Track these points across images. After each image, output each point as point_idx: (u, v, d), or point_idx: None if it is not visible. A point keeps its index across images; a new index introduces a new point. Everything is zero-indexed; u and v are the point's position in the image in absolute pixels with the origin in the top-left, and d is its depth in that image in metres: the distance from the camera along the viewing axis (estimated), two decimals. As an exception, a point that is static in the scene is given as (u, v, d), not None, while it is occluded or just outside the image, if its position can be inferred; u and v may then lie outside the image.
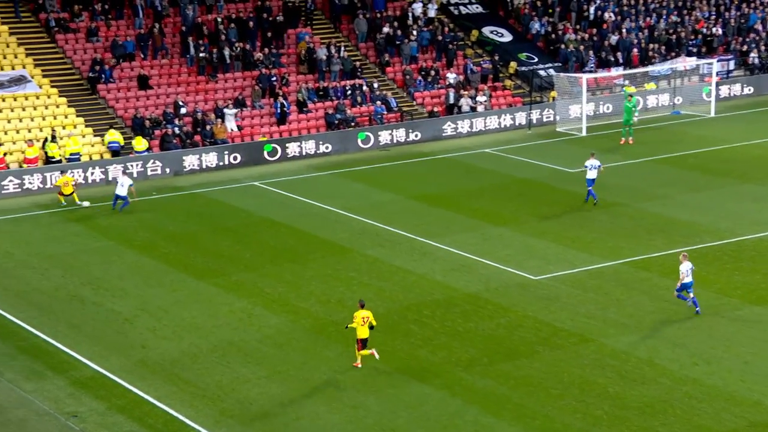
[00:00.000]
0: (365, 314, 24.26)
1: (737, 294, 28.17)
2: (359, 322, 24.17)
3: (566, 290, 28.91)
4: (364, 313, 24.29)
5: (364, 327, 24.21)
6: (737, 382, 23.31)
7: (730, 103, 51.36)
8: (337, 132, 45.75)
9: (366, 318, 24.19)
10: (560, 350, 25.23)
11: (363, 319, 24.18)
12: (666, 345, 25.31)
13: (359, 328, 24.19)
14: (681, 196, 37.06)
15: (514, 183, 39.82)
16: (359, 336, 24.26)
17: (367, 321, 24.20)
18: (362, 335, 24.24)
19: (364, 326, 24.20)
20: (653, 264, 30.57)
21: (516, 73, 51.98)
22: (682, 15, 56.72)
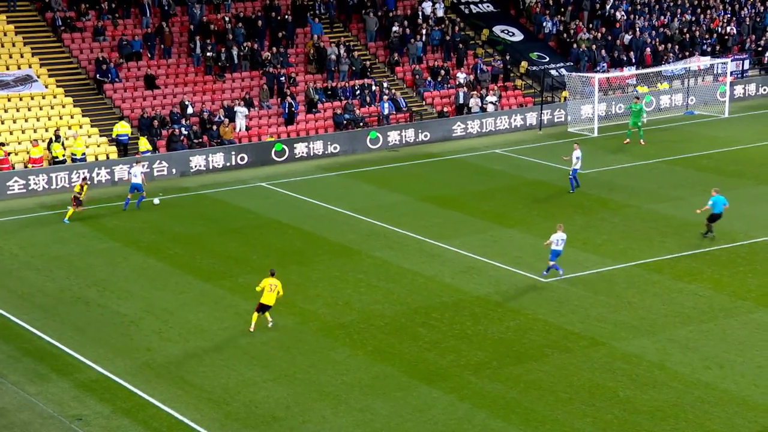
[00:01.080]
0: (273, 282, 25.96)
1: (751, 297, 27.75)
2: (267, 288, 25.88)
3: (577, 292, 28.54)
4: (271, 280, 25.99)
5: (272, 294, 25.91)
6: (750, 386, 22.90)
7: (745, 103, 50.85)
8: (346, 132, 45.45)
9: (273, 286, 25.92)
10: (570, 353, 24.86)
11: (270, 286, 25.90)
12: (678, 348, 24.91)
13: (266, 294, 25.89)
14: (694, 197, 36.60)
15: (525, 184, 39.44)
16: (262, 300, 25.92)
17: (275, 289, 25.91)
18: (266, 301, 25.96)
19: (272, 293, 25.90)
20: (665, 266, 30.17)
21: (527, 72, 51.60)
22: (696, 14, 56.25)
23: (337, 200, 37.77)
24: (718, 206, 31.68)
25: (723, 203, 31.64)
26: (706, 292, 28.16)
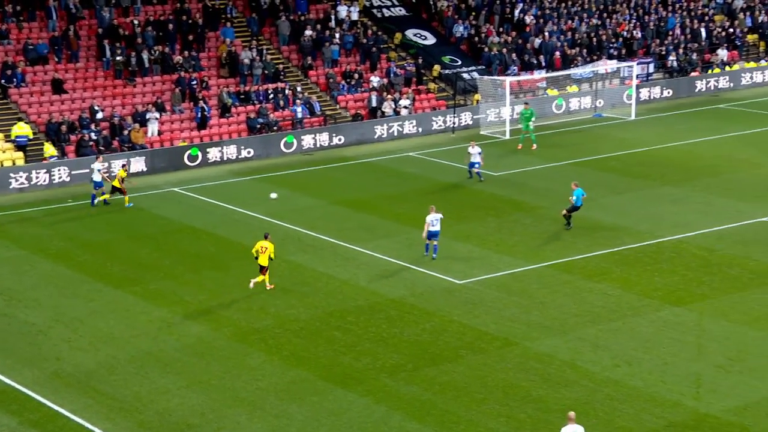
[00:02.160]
0: (264, 245, 28.46)
1: (657, 295, 28.41)
2: (259, 250, 28.45)
3: (490, 294, 28.87)
4: (262, 243, 28.53)
5: (264, 255, 28.35)
6: (657, 383, 23.45)
7: (650, 105, 52.06)
8: (260, 136, 45.20)
9: (264, 248, 28.38)
10: (484, 354, 25.14)
11: (261, 248, 28.40)
12: (588, 347, 25.38)
13: (260, 256, 28.37)
14: (603, 198, 37.34)
15: (439, 187, 39.75)
16: (258, 262, 28.55)
17: (266, 251, 28.34)
18: (261, 262, 28.50)
19: (264, 255, 28.32)
20: (576, 266, 30.71)
21: (440, 76, 52.01)
22: (602, 18, 57.38)
23: (252, 205, 37.54)
24: (579, 199, 33.17)
25: (581, 194, 33.27)
26: (615, 291, 28.74)
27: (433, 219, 31.18)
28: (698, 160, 41.91)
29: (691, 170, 40.20)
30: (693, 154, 42.95)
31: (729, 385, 23.26)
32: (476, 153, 39.44)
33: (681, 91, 53.83)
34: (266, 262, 28.65)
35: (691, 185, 38.21)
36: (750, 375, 23.67)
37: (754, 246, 31.75)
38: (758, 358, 24.50)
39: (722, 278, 29.39)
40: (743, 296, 28.11)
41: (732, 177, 39.22)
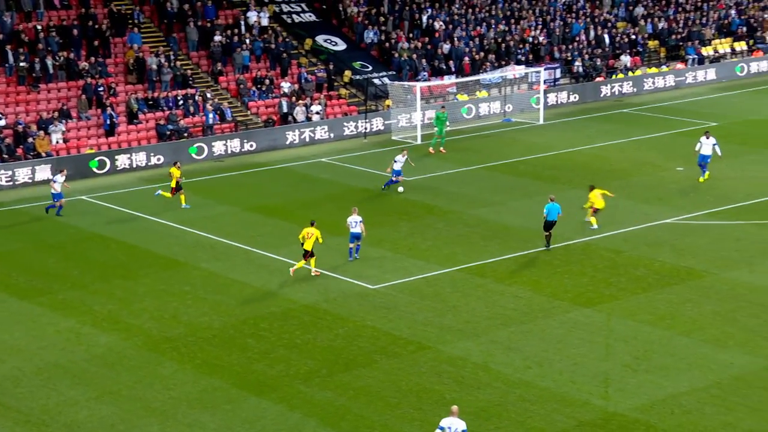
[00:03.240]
0: (309, 231, 29.84)
1: (567, 297, 28.90)
2: (304, 236, 29.81)
3: (404, 298, 29.01)
4: (308, 229, 29.88)
5: (309, 240, 29.63)
6: (568, 383, 23.85)
7: (557, 110, 52.98)
8: (169, 143, 44.66)
9: (310, 234, 29.76)
10: (398, 359, 25.24)
11: (308, 234, 29.74)
12: (500, 349, 25.68)
13: (306, 241, 29.71)
14: (513, 202, 37.85)
15: (351, 192, 39.80)
16: (304, 247, 29.79)
17: (312, 236, 29.70)
18: (306, 247, 29.80)
19: (309, 240, 29.62)
20: (488, 270, 31.05)
21: (351, 81, 52.10)
22: (509, 24, 58.19)
23: (162, 212, 37.05)
24: (552, 214, 31.97)
25: (557, 211, 31.99)
26: (526, 294, 29.15)
27: (352, 221, 31.41)
28: (605, 163, 42.78)
29: (598, 173, 40.99)
30: (600, 157, 43.81)
31: (636, 383, 23.78)
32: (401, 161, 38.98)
33: (587, 95, 54.91)
34: (311, 247, 29.79)
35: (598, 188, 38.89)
36: (656, 373, 24.24)
37: (658, 247, 32.53)
38: (663, 357, 25.10)
39: (629, 279, 30.04)
40: (649, 296, 28.77)
41: (637, 180, 40.14)
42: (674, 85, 57.42)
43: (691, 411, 22.46)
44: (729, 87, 57.25)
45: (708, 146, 38.80)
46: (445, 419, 19.74)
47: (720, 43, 61.74)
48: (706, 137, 39.06)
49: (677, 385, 23.56)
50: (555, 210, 32.00)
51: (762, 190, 37.87)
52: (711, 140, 38.82)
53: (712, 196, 37.55)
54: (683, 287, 29.25)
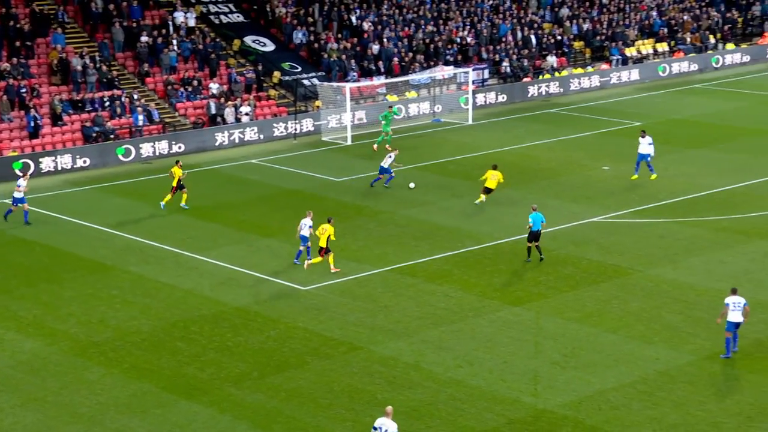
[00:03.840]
0: (323, 227, 30.42)
1: (497, 296, 29.19)
2: (320, 233, 30.36)
3: (335, 299, 29.01)
4: (323, 226, 30.45)
5: (323, 236, 30.19)
6: (498, 381, 24.10)
7: (486, 110, 53.44)
8: (96, 145, 44.02)
9: (323, 230, 30.35)
10: (330, 360, 25.25)
11: (321, 229, 30.33)
12: (432, 349, 25.84)
13: (320, 237, 30.24)
14: (444, 202, 38.10)
15: (282, 194, 39.68)
16: (319, 244, 30.34)
17: (324, 232, 30.27)
18: (320, 244, 30.35)
19: (323, 235, 30.18)
20: (419, 270, 31.21)
21: (280, 82, 51.93)
22: (438, 25, 58.54)
23: (88, 215, 36.54)
24: (536, 224, 31.05)
25: (541, 220, 31.13)
26: (456, 293, 29.38)
27: (302, 224, 31.31)
28: (533, 163, 43.28)
29: (526, 173, 41.47)
30: (528, 157, 44.32)
31: (564, 380, 24.12)
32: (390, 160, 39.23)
33: (515, 96, 55.49)
34: (325, 244, 30.25)
35: (527, 188, 39.42)
36: (584, 370, 24.62)
37: (585, 246, 33.03)
38: (591, 354, 25.51)
39: (557, 277, 30.45)
40: (576, 294, 29.21)
41: (565, 179, 40.69)
42: (599, 85, 58.35)
43: (618, 407, 22.85)
44: (652, 87, 58.36)
45: (644, 145, 39.50)
46: (379, 419, 19.82)
47: (643, 44, 62.92)
48: (642, 137, 39.77)
49: (604, 382, 23.96)
50: (539, 219, 31.09)
51: (684, 189, 38.69)
52: (647, 139, 39.55)
53: (636, 195, 38.25)
54: (610, 285, 29.75)
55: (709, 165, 42.08)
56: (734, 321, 24.78)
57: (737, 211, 35.88)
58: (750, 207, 36.28)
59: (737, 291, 25.15)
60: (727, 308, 24.86)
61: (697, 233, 33.83)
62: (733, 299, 24.82)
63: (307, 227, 31.17)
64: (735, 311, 24.74)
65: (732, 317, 24.78)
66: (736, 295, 24.93)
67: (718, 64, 62.88)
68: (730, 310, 24.79)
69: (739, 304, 24.75)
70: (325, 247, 30.35)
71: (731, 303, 24.79)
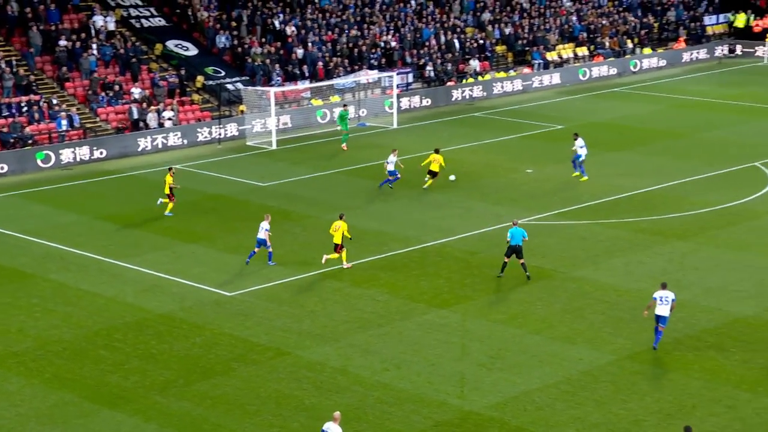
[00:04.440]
0: (336, 224, 30.99)
1: (424, 299, 29.33)
2: (333, 230, 30.90)
3: (262, 305, 28.87)
4: (337, 223, 30.98)
5: (337, 233, 30.74)
6: (425, 384, 24.22)
7: (411, 114, 53.71)
8: (13, 151, 43.12)
9: (337, 227, 30.87)
10: (257, 366, 25.11)
11: (334, 227, 30.86)
12: (359, 353, 25.87)
13: (334, 234, 30.82)
14: (370, 206, 38.18)
15: (206, 199, 39.34)
16: (334, 241, 30.82)
17: (338, 229, 30.79)
18: (335, 240, 30.84)
19: (337, 233, 30.73)
20: (345, 274, 31.21)
21: (203, 87, 51.50)
22: (362, 29, 58.67)
23: (6, 223, 35.79)
24: (516, 238, 30.11)
25: (522, 235, 30.10)
26: (383, 297, 29.45)
27: (261, 226, 31.39)
28: (458, 166, 43.57)
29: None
30: (453, 160, 44.59)
31: (490, 382, 24.35)
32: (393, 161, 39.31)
33: (439, 100, 55.87)
34: (340, 240, 30.70)
35: (452, 191, 39.70)
36: (509, 371, 24.88)
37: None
38: (516, 355, 25.80)
39: (482, 280, 30.73)
40: (502, 296, 29.50)
41: (489, 182, 41.09)
42: (522, 89, 59.07)
43: (543, 407, 23.15)
44: (573, 91, 59.28)
45: (577, 147, 40.44)
46: (327, 423, 19.77)
47: (563, 48, 63.89)
48: (575, 138, 40.70)
49: (529, 382, 24.25)
50: (519, 234, 30.07)
51: (605, 191, 39.36)
52: (579, 141, 40.50)
53: (559, 197, 38.80)
54: (534, 286, 30.12)
55: (628, 167, 42.89)
56: (660, 314, 25.44)
57: (655, 213, 36.64)
58: (667, 208, 37.09)
59: (667, 286, 25.81)
60: (654, 301, 25.51)
61: (617, 234, 34.45)
62: (661, 293, 25.51)
63: (263, 230, 31.20)
64: (662, 305, 25.39)
65: (659, 311, 25.44)
66: (665, 289, 25.58)
67: (636, 68, 64.17)
68: (658, 304, 25.44)
69: (667, 299, 25.41)
70: (340, 243, 30.87)
71: (659, 297, 25.47)
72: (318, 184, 41.22)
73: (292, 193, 40.02)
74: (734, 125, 49.54)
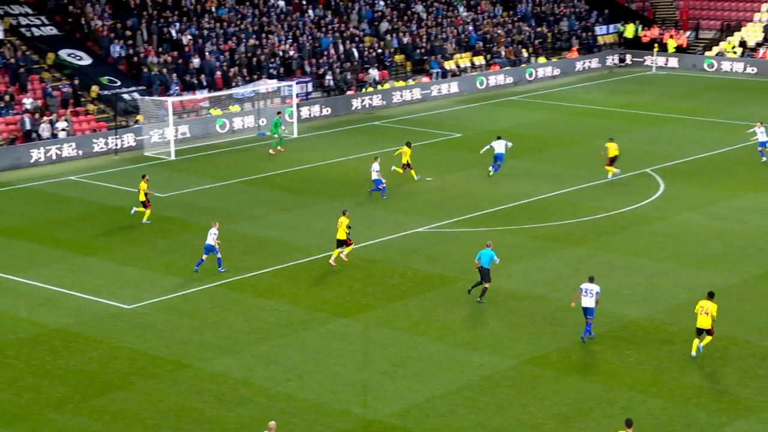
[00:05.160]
0: (340, 219, 32.01)
1: (326, 308, 29.30)
2: (338, 225, 31.93)
3: (162, 317, 28.44)
4: (341, 219, 32.01)
5: (340, 229, 31.75)
6: (328, 393, 24.19)
7: (311, 123, 53.65)
8: None
9: (340, 222, 31.93)
10: (157, 379, 24.72)
11: (339, 223, 31.87)
12: (261, 363, 25.69)
13: (339, 229, 31.76)
14: (271, 215, 37.98)
15: (103, 211, 38.61)
16: (337, 237, 31.92)
17: (341, 224, 31.83)
18: (339, 236, 31.88)
19: (340, 228, 31.74)
20: (247, 284, 30.98)
21: (98, 97, 50.54)
22: (260, 38, 58.39)
23: None
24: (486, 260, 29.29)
25: (490, 256, 29.24)
26: (285, 307, 29.32)
27: (210, 232, 31.65)
28: (360, 174, 43.69)
29: (352, 185, 41.85)
30: (354, 169, 44.74)
31: (393, 390, 24.45)
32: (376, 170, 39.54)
33: (339, 109, 55.95)
34: (344, 236, 31.74)
35: (353, 199, 39.79)
36: (412, 379, 25.02)
37: (411, 255, 33.62)
38: (419, 362, 25.96)
39: (384, 288, 30.86)
40: (404, 304, 29.67)
41: (390, 191, 41.26)
42: (421, 97, 59.59)
43: (445, 413, 23.34)
44: (471, 99, 60.07)
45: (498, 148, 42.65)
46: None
47: (461, 58, 64.70)
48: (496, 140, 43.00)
49: (432, 389, 24.43)
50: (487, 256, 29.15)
51: (504, 198, 39.94)
52: (501, 141, 42.90)
53: (459, 205, 39.23)
54: (436, 294, 30.38)
55: (525, 174, 43.64)
56: (585, 306, 26.64)
57: (553, 219, 37.35)
58: (564, 215, 37.85)
59: (594, 279, 27.00)
60: (580, 293, 26.75)
61: (516, 241, 35.00)
62: (586, 285, 26.77)
63: (212, 236, 31.44)
64: (587, 297, 26.62)
65: (584, 302, 26.65)
66: (591, 282, 26.80)
67: (531, 77, 65.37)
68: (582, 296, 26.67)
69: (592, 291, 26.64)
70: (345, 238, 31.90)
71: (584, 289, 26.74)
72: (218, 194, 40.84)
73: (191, 203, 39.55)
74: (626, 132, 50.84)
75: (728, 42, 69.79)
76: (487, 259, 29.39)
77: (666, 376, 25.05)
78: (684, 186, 41.48)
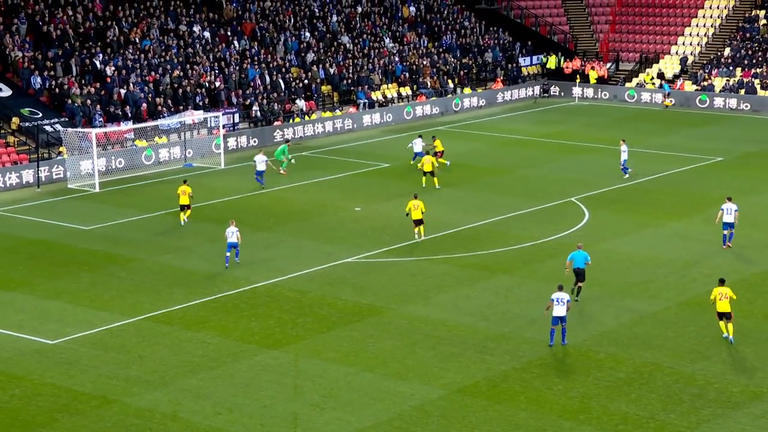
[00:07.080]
0: (415, 203, 37.21)
1: (255, 340, 29.04)
2: (412, 208, 37.22)
3: (86, 352, 27.90)
4: (414, 201, 37.24)
5: (417, 211, 37.08)
6: (257, 426, 23.93)
7: (238, 154, 53.38)
8: None
9: (416, 205, 37.09)
10: (81, 415, 24.21)
11: (413, 206, 37.16)
12: (190, 397, 25.33)
13: (413, 211, 37.10)
14: (199, 247, 37.60)
15: (24, 244, 37.83)
16: (413, 218, 37.27)
17: (418, 207, 37.02)
18: (416, 216, 37.26)
19: (417, 210, 37.08)
20: (174, 317, 30.58)
21: (20, 129, 49.65)
22: (185, 70, 58.05)
23: None
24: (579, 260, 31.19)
25: (584, 258, 31.19)
26: (214, 339, 28.99)
27: (228, 232, 34.48)
28: (288, 205, 43.59)
29: (281, 215, 41.69)
30: (283, 199, 44.60)
31: (323, 421, 24.29)
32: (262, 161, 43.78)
33: (266, 139, 55.78)
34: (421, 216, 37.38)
35: (282, 230, 39.63)
36: (342, 410, 24.89)
37: (340, 286, 33.55)
38: (349, 393, 25.84)
39: (314, 319, 30.71)
40: (334, 334, 29.56)
41: (319, 221, 41.23)
42: (349, 128, 59.76)
43: (378, 443, 23.25)
44: (398, 129, 60.40)
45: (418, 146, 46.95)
46: None
47: (387, 88, 65.12)
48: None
49: (362, 420, 24.32)
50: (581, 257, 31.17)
51: (433, 227, 40.02)
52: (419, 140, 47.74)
53: (388, 234, 39.32)
54: (365, 324, 30.33)
55: (454, 203, 43.95)
56: (558, 315, 27.99)
57: (481, 248, 37.63)
58: (492, 243, 38.18)
59: (563, 288, 28.35)
60: (552, 303, 28.00)
61: (445, 270, 35.17)
62: (557, 295, 28.20)
63: (234, 234, 34.23)
64: (558, 306, 27.93)
65: (556, 312, 28.00)
66: (561, 291, 28.13)
67: (458, 108, 66.06)
68: (555, 305, 27.94)
69: (562, 300, 27.95)
70: (420, 219, 36.98)
71: (556, 299, 28.00)
72: (144, 226, 40.34)
73: (117, 236, 38.98)
74: (551, 162, 51.60)
75: (647, 74, 71.48)
76: (581, 259, 31.38)
77: (594, 402, 25.32)
78: (608, 214, 42.17)
